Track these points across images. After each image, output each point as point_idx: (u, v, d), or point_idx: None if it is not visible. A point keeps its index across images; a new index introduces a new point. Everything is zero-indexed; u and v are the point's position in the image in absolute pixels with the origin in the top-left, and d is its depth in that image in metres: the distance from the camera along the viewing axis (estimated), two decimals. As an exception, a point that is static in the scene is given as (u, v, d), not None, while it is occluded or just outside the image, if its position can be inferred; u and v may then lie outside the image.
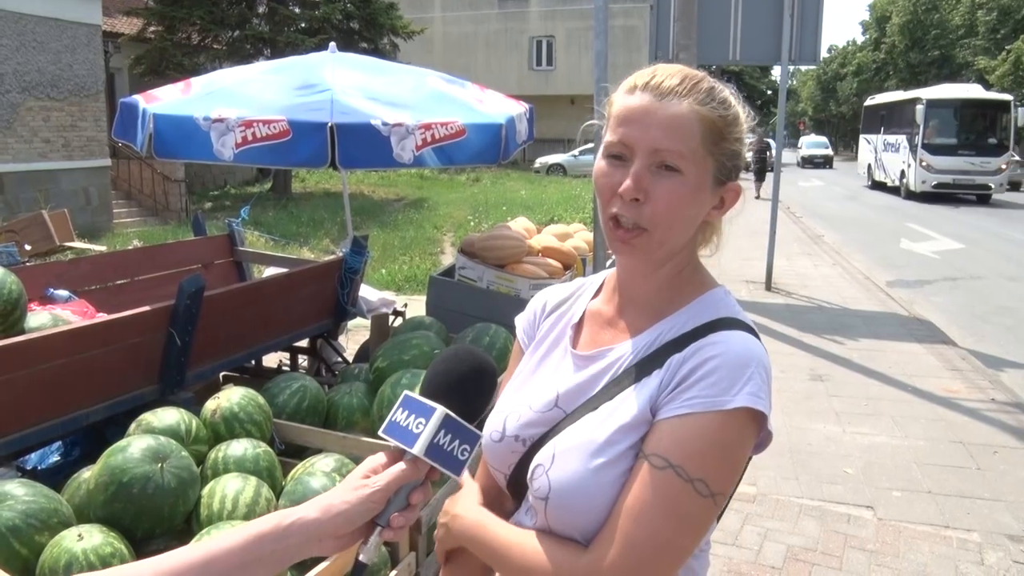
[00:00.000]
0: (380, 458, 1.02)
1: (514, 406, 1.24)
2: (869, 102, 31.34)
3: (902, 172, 25.01)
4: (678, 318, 1.14)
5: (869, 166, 29.89)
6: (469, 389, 1.06)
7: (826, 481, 4.55)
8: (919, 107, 23.34)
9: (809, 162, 48.09)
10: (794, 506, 4.25)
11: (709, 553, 1.21)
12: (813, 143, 52.19)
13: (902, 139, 24.95)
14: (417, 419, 1.00)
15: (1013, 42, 35.85)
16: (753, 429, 1.06)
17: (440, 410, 0.99)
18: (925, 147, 23.09)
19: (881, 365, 6.78)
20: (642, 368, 1.12)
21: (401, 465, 0.99)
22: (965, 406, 5.71)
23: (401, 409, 1.02)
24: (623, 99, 1.12)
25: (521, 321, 1.38)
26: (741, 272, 10.71)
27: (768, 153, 22.72)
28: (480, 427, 1.07)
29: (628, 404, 1.10)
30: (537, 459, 1.14)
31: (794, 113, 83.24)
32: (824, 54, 61.10)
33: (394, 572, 2.64)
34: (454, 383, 1.05)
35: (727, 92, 1.15)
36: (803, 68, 56.98)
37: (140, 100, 3.91)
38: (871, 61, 55.06)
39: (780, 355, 7.12)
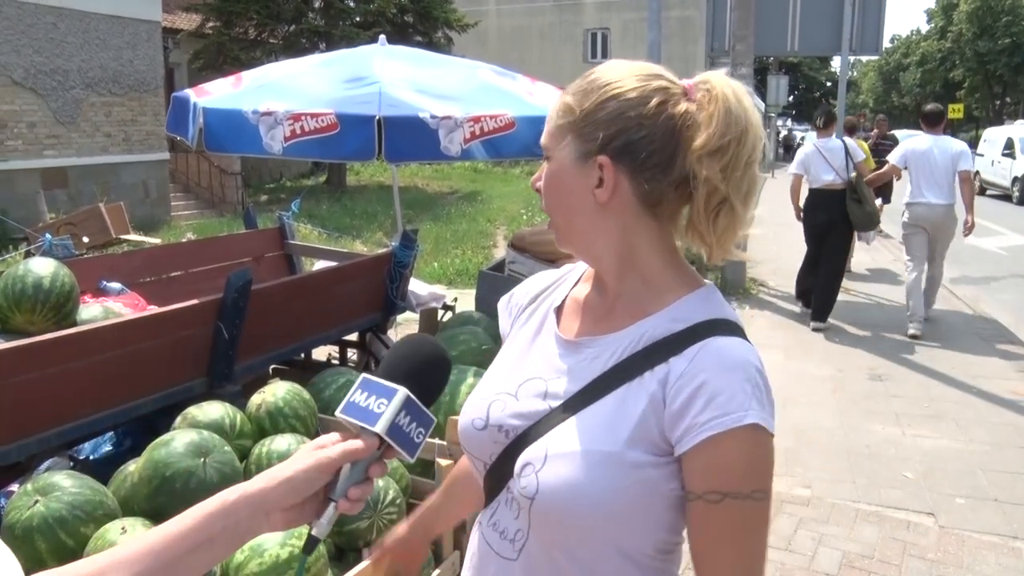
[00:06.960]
0: (333, 436, 1.02)
1: (498, 393, 1.21)
2: None
3: None
4: (662, 317, 1.11)
5: None
6: (427, 376, 1.08)
7: (884, 485, 4.39)
8: None
9: None
10: (850, 511, 4.11)
11: (681, 548, 1.16)
12: None
13: None
14: (378, 400, 1.01)
15: (1089, 29, 34.43)
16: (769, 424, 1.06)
17: (403, 391, 1.01)
18: None
19: (944, 365, 6.54)
20: (630, 367, 1.09)
21: (356, 441, 0.99)
22: (1034, 410, 5.47)
23: (360, 391, 1.03)
24: None
25: (505, 304, 1.39)
26: (796, 267, 10.45)
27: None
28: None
29: (624, 412, 1.07)
30: (526, 456, 1.11)
31: (854, 105, 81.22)
32: (887, 44, 59.64)
33: (437, 571, 2.61)
34: (415, 368, 1.07)
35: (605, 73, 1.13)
36: (864, 59, 55.66)
37: (191, 94, 3.95)
38: (936, 50, 53.20)
39: (837, 353, 6.92)
